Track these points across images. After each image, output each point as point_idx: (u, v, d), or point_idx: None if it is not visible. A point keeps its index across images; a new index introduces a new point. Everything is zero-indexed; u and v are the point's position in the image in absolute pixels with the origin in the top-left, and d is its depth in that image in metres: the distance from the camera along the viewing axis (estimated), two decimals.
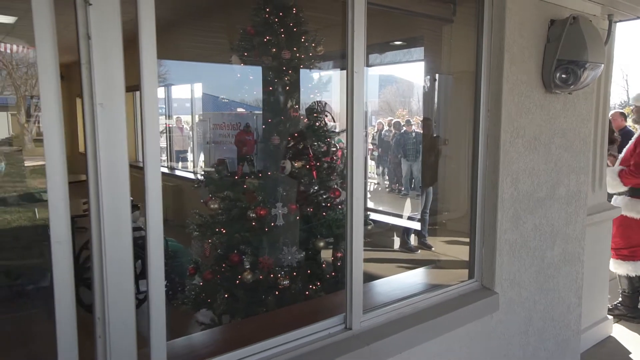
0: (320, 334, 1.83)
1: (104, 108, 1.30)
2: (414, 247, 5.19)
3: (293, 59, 3.07)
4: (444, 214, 3.55)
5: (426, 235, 5.01)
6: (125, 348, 1.35)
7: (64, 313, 1.28)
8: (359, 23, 1.83)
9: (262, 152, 3.24)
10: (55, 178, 1.27)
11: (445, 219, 3.47)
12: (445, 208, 3.40)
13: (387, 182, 10.76)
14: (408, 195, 9.38)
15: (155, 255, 1.41)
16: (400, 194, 9.75)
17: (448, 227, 3.32)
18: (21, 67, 12.29)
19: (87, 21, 1.27)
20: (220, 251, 2.91)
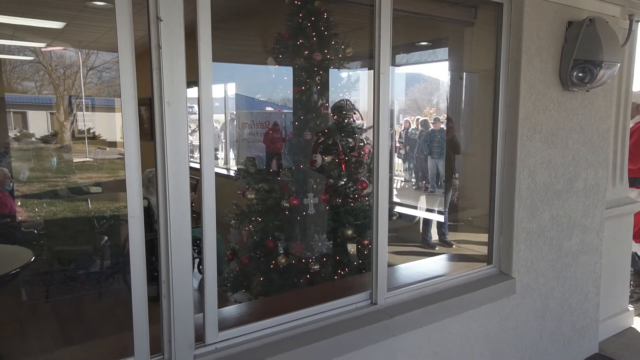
0: (349, 307, 2.05)
1: (171, 105, 1.56)
2: (433, 244, 5.33)
3: (324, 60, 3.29)
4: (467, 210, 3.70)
5: (446, 233, 5.14)
6: (184, 307, 1.60)
7: (137, 276, 1.53)
8: (385, 28, 2.04)
9: (293, 148, 3.47)
10: (131, 164, 1.54)
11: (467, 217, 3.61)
12: (467, 205, 3.56)
13: (414, 179, 10.88)
14: (435, 192, 9.48)
15: (209, 235, 1.66)
16: (427, 192, 9.85)
17: (470, 224, 3.46)
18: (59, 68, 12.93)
19: (158, 34, 1.52)
20: (256, 238, 3.17)
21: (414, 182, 10.68)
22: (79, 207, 6.08)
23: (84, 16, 5.58)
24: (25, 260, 2.71)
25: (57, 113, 13.42)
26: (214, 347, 1.68)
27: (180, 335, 1.59)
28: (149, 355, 1.56)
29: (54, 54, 11.73)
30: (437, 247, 5.30)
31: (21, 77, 12.54)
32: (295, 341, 1.80)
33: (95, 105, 14.37)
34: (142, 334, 1.54)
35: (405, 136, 11.37)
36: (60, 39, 7.84)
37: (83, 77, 12.83)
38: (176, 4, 1.54)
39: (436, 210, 5.75)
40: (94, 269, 4.29)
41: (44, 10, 5.41)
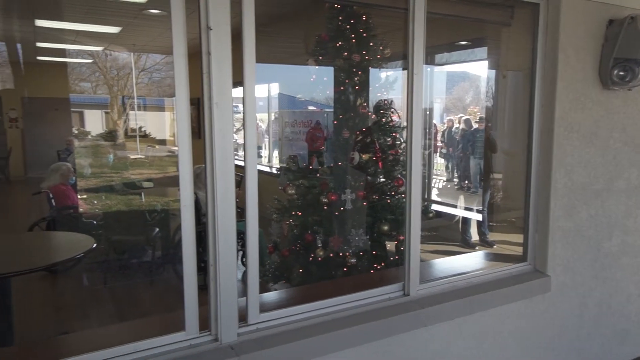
0: (381, 297, 2.16)
1: (219, 106, 1.72)
2: (472, 243, 5.31)
3: (362, 61, 3.41)
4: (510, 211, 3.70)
5: (487, 233, 5.11)
6: (230, 289, 1.76)
7: (188, 257, 1.71)
8: (418, 31, 2.13)
9: (332, 146, 3.61)
10: (184, 158, 1.71)
11: (510, 217, 3.62)
12: (510, 206, 3.56)
13: (456, 179, 10.75)
14: (477, 192, 9.35)
15: (252, 228, 1.81)
16: (469, 192, 9.72)
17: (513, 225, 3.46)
18: (113, 70, 13.66)
19: (208, 42, 1.69)
20: (296, 232, 3.33)
21: (456, 182, 10.56)
22: (132, 200, 6.48)
23: (138, 22, 5.95)
24: (88, 247, 2.98)
25: (111, 112, 14.20)
26: (255, 327, 1.83)
27: (225, 315, 1.75)
28: (198, 330, 1.73)
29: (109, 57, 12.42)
30: (477, 248, 5.28)
31: (79, 78, 13.35)
32: (330, 325, 1.93)
33: (146, 104, 15.07)
34: (192, 311, 1.71)
35: (448, 135, 11.25)
36: (116, 42, 8.34)
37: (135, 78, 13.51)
38: (224, 14, 1.70)
39: (475, 209, 5.72)
40: (146, 259, 4.61)
41: (103, 17, 5.81)
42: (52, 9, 5.33)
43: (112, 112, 14.10)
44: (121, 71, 13.59)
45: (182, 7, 1.66)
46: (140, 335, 1.78)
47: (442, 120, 12.31)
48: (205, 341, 1.75)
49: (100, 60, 12.62)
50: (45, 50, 8.42)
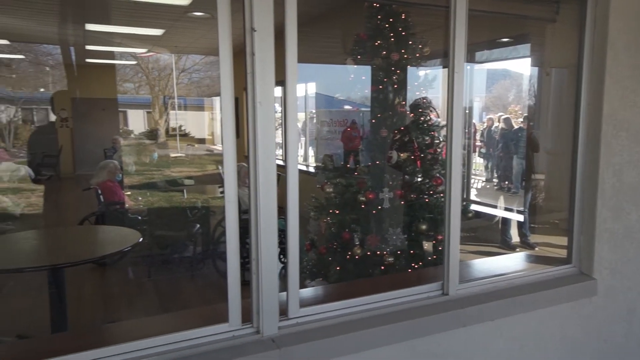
0: (420, 296, 2.16)
1: (262, 105, 1.77)
2: (513, 245, 5.18)
3: (401, 60, 3.40)
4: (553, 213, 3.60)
5: (528, 234, 4.98)
6: (271, 284, 1.81)
7: (232, 251, 1.76)
8: (459, 29, 2.11)
9: (369, 145, 3.62)
10: (228, 157, 1.77)
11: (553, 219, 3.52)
12: (553, 207, 3.47)
13: (495, 179, 10.50)
14: (518, 193, 9.11)
15: (293, 224, 1.85)
16: (510, 192, 9.48)
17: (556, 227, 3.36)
18: (155, 71, 14.11)
19: (252, 43, 1.74)
20: (333, 230, 3.36)
21: (496, 182, 10.32)
22: (173, 197, 6.70)
23: (181, 24, 6.14)
24: (134, 241, 3.12)
25: (153, 112, 14.69)
26: (296, 321, 1.87)
27: (267, 308, 1.80)
28: (240, 323, 1.79)
29: (151, 58, 12.86)
30: (518, 249, 5.15)
31: (123, 79, 13.88)
32: (368, 322, 1.95)
33: (186, 104, 15.48)
34: (235, 304, 1.77)
35: (487, 134, 11.00)
36: (159, 44, 8.62)
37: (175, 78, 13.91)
38: (268, 15, 1.75)
39: (515, 210, 5.58)
40: (187, 254, 4.76)
41: (148, 20, 6.03)
42: (101, 13, 5.58)
43: (154, 111, 14.59)
44: (162, 72, 14.05)
45: (228, 9, 1.71)
46: (184, 325, 1.86)
47: (482, 119, 12.04)
48: (248, 333, 1.80)
49: (143, 61, 13.09)
50: (94, 52, 8.81)
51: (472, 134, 8.03)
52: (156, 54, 11.58)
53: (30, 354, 1.56)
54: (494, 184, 10.27)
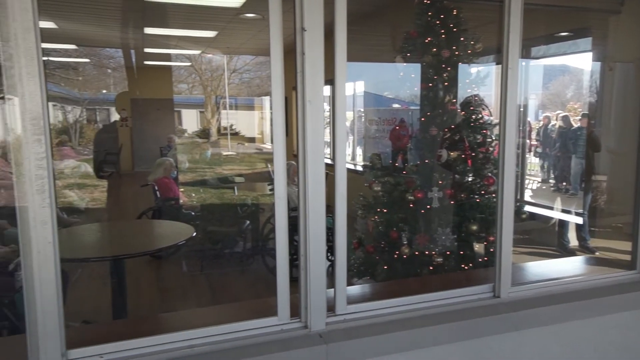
0: (470, 297, 2.11)
1: (312, 104, 1.80)
2: (570, 249, 4.93)
3: (452, 57, 3.32)
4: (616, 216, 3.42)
5: (587, 238, 4.73)
6: (319, 280, 1.84)
7: (281, 247, 1.81)
8: (514, 24, 2.05)
9: (419, 143, 3.56)
10: (278, 155, 1.81)
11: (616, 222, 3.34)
12: (616, 210, 3.29)
13: (552, 180, 10.04)
14: (577, 195, 8.67)
15: (341, 222, 1.87)
16: (568, 194, 9.04)
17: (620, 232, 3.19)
18: (207, 71, 14.57)
19: (302, 42, 1.78)
20: (381, 228, 3.34)
21: (553, 183, 9.86)
22: (224, 194, 6.90)
23: (233, 26, 6.31)
24: (188, 235, 3.25)
25: (205, 111, 15.18)
26: (343, 317, 1.89)
27: (314, 304, 1.83)
28: (289, 317, 1.83)
29: (204, 59, 13.29)
30: (576, 253, 4.91)
31: (177, 80, 14.42)
32: (417, 322, 1.94)
33: (236, 104, 15.87)
34: (284, 298, 1.81)
35: (544, 133, 10.52)
36: (212, 46, 8.90)
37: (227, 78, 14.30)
38: (318, 15, 1.77)
39: (573, 212, 5.31)
40: (237, 249, 4.90)
41: (202, 22, 6.24)
42: (159, 17, 5.84)
43: (206, 111, 15.07)
44: (215, 73, 14.49)
45: (279, 10, 1.75)
46: (235, 317, 1.92)
47: (538, 117, 11.53)
48: (296, 327, 1.84)
49: (197, 62, 13.55)
50: (151, 55, 9.23)
51: (527, 132, 7.72)
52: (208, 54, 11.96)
53: (95, 338, 1.67)
54: (551, 185, 9.82)
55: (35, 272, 1.48)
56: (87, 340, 1.65)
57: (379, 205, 3.37)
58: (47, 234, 1.47)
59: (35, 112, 1.43)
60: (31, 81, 1.42)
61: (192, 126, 15.98)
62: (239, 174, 9.01)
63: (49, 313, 1.50)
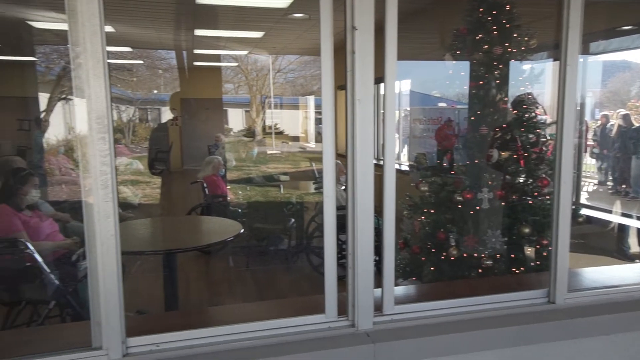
0: (523, 302, 2.04)
1: (361, 102, 1.80)
2: (631, 255, 4.65)
3: (504, 54, 3.22)
4: None
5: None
6: (366, 279, 1.83)
7: (329, 245, 1.82)
8: (574, 18, 1.96)
9: (467, 143, 3.47)
10: (327, 153, 1.82)
11: None
12: None
13: (610, 182, 9.53)
14: (638, 198, 8.18)
15: (389, 222, 1.86)
16: (628, 197, 8.55)
17: None
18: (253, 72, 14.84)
19: (353, 41, 1.78)
20: (427, 229, 3.29)
21: (611, 185, 9.35)
22: (269, 192, 7.02)
23: (280, 26, 6.40)
24: (235, 232, 3.33)
25: (250, 111, 15.49)
26: (391, 317, 1.88)
27: (362, 303, 1.83)
28: (336, 315, 1.84)
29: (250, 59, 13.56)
30: (637, 260, 4.64)
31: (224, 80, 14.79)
32: (466, 325, 1.90)
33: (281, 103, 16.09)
34: (332, 296, 1.82)
35: (602, 133, 9.99)
36: (259, 46, 9.06)
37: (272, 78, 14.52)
38: (369, 14, 1.77)
39: (635, 216, 5.01)
40: (282, 247, 4.97)
41: (250, 23, 6.37)
42: (208, 19, 6.01)
43: (252, 110, 15.38)
44: (260, 72, 14.76)
45: (330, 9, 1.76)
46: (282, 313, 1.95)
47: (595, 116, 10.97)
48: (343, 325, 1.84)
49: (243, 63, 13.85)
50: (201, 56, 9.51)
51: (583, 132, 7.37)
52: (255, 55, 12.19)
53: (151, 328, 1.74)
54: (609, 187, 9.32)
55: (99, 263, 1.56)
56: (144, 329, 1.72)
57: (425, 205, 3.32)
58: (109, 227, 1.55)
59: (100, 112, 1.51)
60: (97, 82, 1.50)
61: (238, 125, 16.35)
62: (284, 172, 9.13)
63: (111, 302, 1.58)
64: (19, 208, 3.09)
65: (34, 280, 2.87)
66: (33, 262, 2.84)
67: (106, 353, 1.59)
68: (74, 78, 1.50)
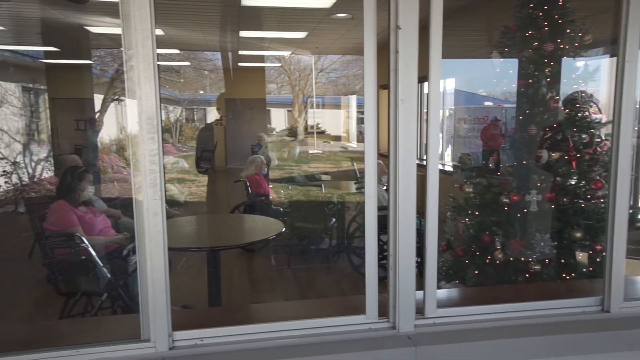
0: (574, 310, 1.95)
1: (404, 102, 1.78)
2: None
3: (556, 50, 3.09)
4: None
5: None
6: (408, 280, 1.81)
7: (370, 245, 1.81)
8: (635, 10, 1.85)
9: (515, 143, 3.36)
10: (369, 152, 1.81)
11: None
12: None
13: None
14: None
15: (432, 223, 1.83)
16: None
17: None
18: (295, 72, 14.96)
19: (396, 40, 1.76)
20: (472, 231, 3.21)
21: None
22: (310, 191, 7.06)
23: (323, 26, 6.42)
24: (277, 230, 3.38)
25: (292, 110, 15.65)
26: (433, 321, 1.85)
27: (403, 305, 1.81)
28: (377, 316, 1.83)
29: (292, 59, 13.70)
30: None
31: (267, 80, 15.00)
32: (513, 331, 1.83)
33: (322, 103, 16.15)
34: (373, 297, 1.82)
35: None
36: (302, 46, 9.13)
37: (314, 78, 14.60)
38: (413, 12, 1.75)
39: None
40: (323, 246, 4.99)
41: (293, 24, 6.43)
42: (253, 20, 6.12)
43: (294, 110, 15.53)
44: (302, 72, 14.88)
45: (374, 8, 1.75)
46: (322, 313, 1.96)
47: None
48: (384, 327, 1.83)
49: (286, 63, 14.01)
50: (245, 57, 9.70)
51: None
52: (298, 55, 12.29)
53: (196, 322, 1.80)
54: None
55: (147, 259, 1.62)
56: (189, 324, 1.78)
57: (470, 207, 3.24)
58: (157, 224, 1.61)
59: (150, 112, 1.57)
60: (147, 84, 1.56)
61: (280, 125, 16.56)
62: (325, 171, 9.16)
63: (159, 296, 1.64)
64: (75, 204, 3.26)
65: (88, 273, 3.03)
66: (87, 256, 3.00)
67: (154, 345, 1.66)
68: (126, 80, 1.57)
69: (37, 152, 8.86)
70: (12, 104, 8.67)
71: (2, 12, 5.45)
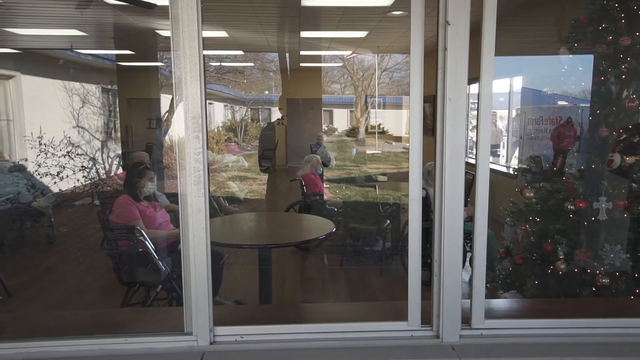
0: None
1: (452, 102, 1.70)
2: None
3: (634, 45, 2.82)
4: None
5: None
6: (453, 288, 1.72)
7: (414, 250, 1.75)
8: None
9: (584, 145, 3.11)
10: (414, 153, 1.74)
11: None
12: None
13: None
14: None
15: (480, 229, 1.73)
16: None
17: None
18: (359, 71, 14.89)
19: (445, 37, 1.68)
20: (532, 239, 3.01)
21: None
22: (367, 192, 7.00)
23: (382, 25, 6.34)
24: (329, 230, 3.37)
25: (355, 110, 15.62)
26: (480, 332, 1.75)
27: (448, 313, 1.73)
28: (420, 324, 1.76)
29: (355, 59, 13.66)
30: None
31: (331, 80, 15.07)
32: (572, 350, 1.69)
33: (386, 103, 15.99)
34: (415, 304, 1.75)
35: None
36: (363, 46, 9.07)
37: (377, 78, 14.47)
38: (464, 7, 1.66)
39: None
40: (376, 248, 4.91)
41: (353, 23, 6.40)
42: (313, 20, 6.17)
43: (356, 110, 15.49)
44: (365, 72, 14.79)
45: (422, 3, 1.69)
46: (366, 316, 1.92)
47: None
48: (426, 335, 1.76)
49: (348, 63, 14.00)
50: (306, 57, 9.80)
51: None
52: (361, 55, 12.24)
53: (237, 319, 1.83)
54: None
55: (191, 254, 1.67)
56: (230, 320, 1.81)
57: (531, 213, 3.04)
58: (201, 221, 1.65)
59: (195, 112, 1.61)
60: (193, 84, 1.60)
61: (342, 125, 16.60)
62: (383, 172, 9.04)
63: (201, 291, 1.69)
64: (137, 199, 3.45)
65: (147, 264, 3.18)
66: (144, 248, 3.15)
67: (195, 339, 1.70)
68: (174, 80, 1.62)
69: (113, 149, 9.54)
70: (92, 104, 9.38)
71: (83, 19, 5.88)
